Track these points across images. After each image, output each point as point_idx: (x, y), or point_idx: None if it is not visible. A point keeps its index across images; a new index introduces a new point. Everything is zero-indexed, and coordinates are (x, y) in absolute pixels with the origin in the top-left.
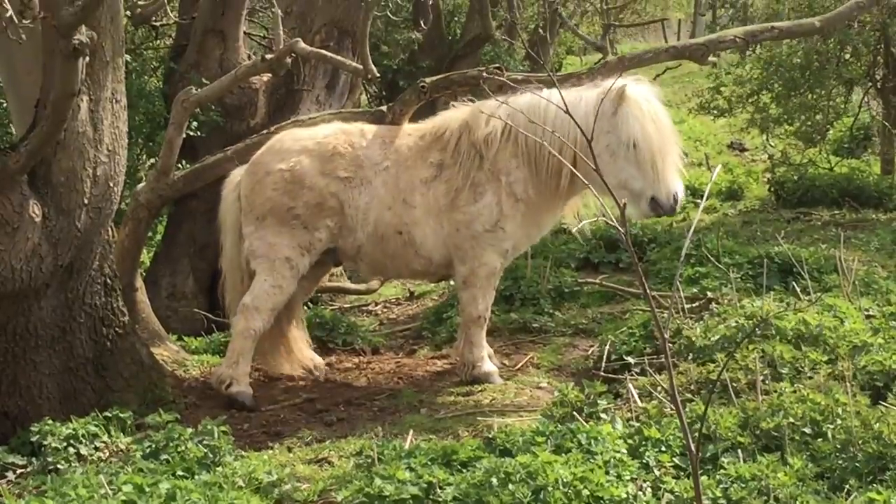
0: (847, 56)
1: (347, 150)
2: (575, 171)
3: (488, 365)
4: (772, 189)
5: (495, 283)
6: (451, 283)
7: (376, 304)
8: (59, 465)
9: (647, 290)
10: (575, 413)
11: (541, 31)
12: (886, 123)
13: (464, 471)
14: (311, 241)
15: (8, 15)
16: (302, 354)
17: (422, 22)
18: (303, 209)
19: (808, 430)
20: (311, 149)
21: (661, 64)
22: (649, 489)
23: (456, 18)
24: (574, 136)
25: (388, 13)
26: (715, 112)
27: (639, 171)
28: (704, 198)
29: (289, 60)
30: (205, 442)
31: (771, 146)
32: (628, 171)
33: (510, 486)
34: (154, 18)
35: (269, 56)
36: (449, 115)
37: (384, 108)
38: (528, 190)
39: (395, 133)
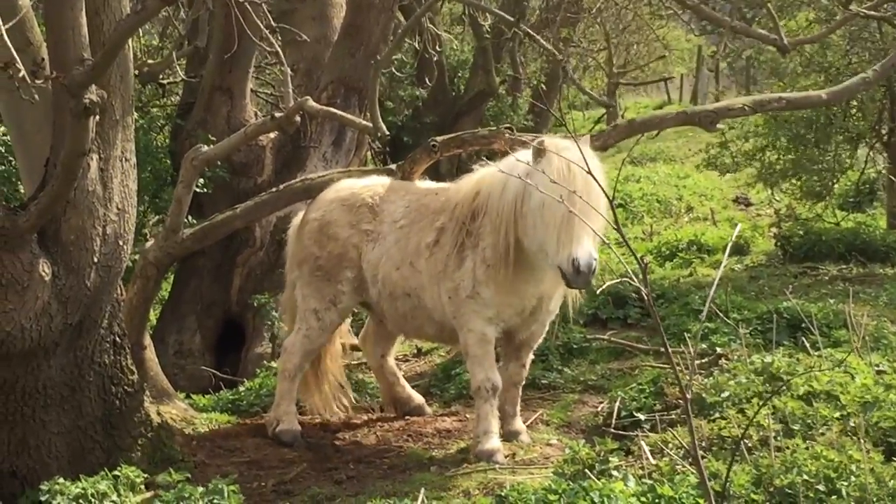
0: (853, 111)
1: (375, 202)
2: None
3: (491, 442)
4: (778, 244)
5: (490, 350)
6: None
7: None
8: None
9: (668, 349)
10: (587, 470)
11: (543, 86)
12: (893, 178)
13: None
14: (335, 293)
15: (21, 75)
16: (333, 393)
17: (426, 78)
18: (325, 260)
19: (822, 488)
20: (344, 198)
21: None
22: None
23: (460, 74)
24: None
25: (393, 69)
26: (721, 168)
27: (547, 236)
28: (725, 257)
29: (298, 119)
30: (215, 501)
31: (777, 201)
32: (542, 235)
33: None
34: (162, 76)
35: (278, 114)
36: (470, 176)
37: (393, 166)
38: (496, 255)
39: (426, 191)
